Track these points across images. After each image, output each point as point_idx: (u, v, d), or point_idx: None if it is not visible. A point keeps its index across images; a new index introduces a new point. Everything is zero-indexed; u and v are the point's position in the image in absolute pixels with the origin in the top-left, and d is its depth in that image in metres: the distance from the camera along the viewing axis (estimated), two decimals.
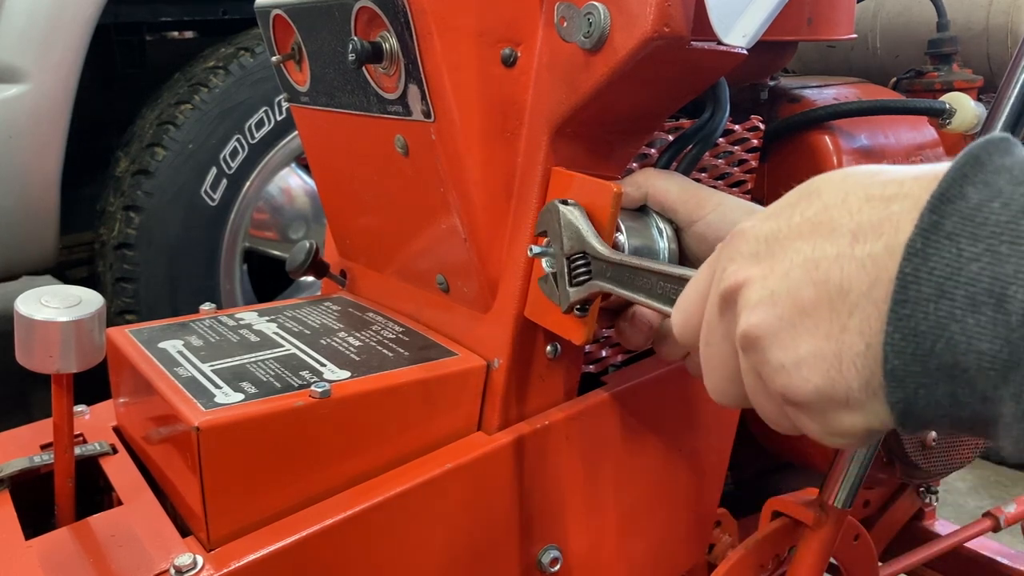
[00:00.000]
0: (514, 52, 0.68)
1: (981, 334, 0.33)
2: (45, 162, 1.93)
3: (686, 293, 0.50)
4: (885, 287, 0.35)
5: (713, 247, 0.65)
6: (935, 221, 0.34)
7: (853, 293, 0.37)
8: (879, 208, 0.37)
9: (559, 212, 0.65)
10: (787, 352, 0.39)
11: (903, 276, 0.35)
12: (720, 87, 0.76)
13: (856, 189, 0.39)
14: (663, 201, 0.68)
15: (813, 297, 0.38)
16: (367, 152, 0.79)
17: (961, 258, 0.33)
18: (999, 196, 0.34)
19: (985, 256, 0.33)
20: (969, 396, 0.34)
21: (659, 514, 0.84)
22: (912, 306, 0.34)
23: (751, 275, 0.42)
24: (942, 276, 0.34)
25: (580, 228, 0.64)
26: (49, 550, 0.62)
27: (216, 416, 0.60)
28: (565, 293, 0.65)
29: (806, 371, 0.39)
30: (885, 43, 1.41)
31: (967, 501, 2.31)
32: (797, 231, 0.40)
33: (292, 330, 0.79)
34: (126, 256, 2.03)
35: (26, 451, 0.74)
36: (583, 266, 0.64)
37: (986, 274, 0.32)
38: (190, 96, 2.07)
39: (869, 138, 1.01)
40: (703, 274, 0.49)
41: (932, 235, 0.34)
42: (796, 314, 0.39)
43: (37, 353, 0.59)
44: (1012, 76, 0.74)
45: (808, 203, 0.41)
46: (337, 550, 0.64)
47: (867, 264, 0.36)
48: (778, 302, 0.40)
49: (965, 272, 0.33)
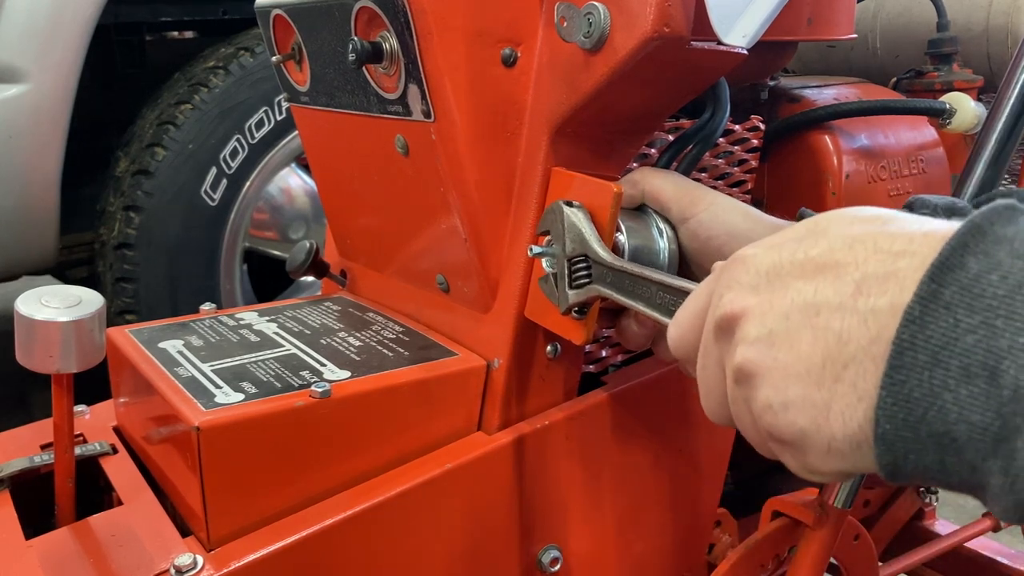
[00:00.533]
0: (514, 52, 0.68)
1: (973, 405, 0.33)
2: (45, 162, 1.93)
3: (683, 310, 0.50)
4: (884, 346, 0.36)
5: (704, 246, 0.66)
6: (934, 290, 0.35)
7: (851, 346, 0.37)
8: (886, 262, 0.37)
9: (563, 213, 0.65)
10: (777, 393, 0.40)
11: (900, 341, 0.35)
12: (720, 87, 0.76)
13: (865, 238, 0.39)
14: (658, 198, 0.68)
15: (810, 343, 0.38)
16: (367, 152, 0.79)
17: (957, 329, 0.34)
18: (998, 268, 0.34)
19: (981, 328, 0.33)
20: (958, 465, 0.34)
21: (659, 514, 0.84)
22: (907, 372, 0.35)
23: (749, 306, 0.42)
24: (938, 345, 0.34)
25: (583, 231, 0.64)
26: (49, 550, 0.62)
27: (216, 416, 0.60)
28: (564, 295, 0.65)
29: (793, 414, 0.39)
30: (885, 43, 1.41)
31: (967, 501, 2.31)
32: (800, 269, 0.40)
33: (292, 330, 0.79)
34: (126, 256, 2.02)
35: (26, 451, 0.74)
36: (584, 269, 0.64)
37: (981, 347, 0.33)
38: (190, 96, 2.07)
39: (869, 138, 1.01)
40: (702, 293, 0.49)
41: (931, 303, 0.34)
42: (791, 358, 0.39)
43: (37, 353, 0.59)
44: (1012, 76, 0.74)
45: (814, 241, 0.41)
46: (337, 550, 0.64)
47: (869, 320, 0.37)
48: (775, 343, 0.40)
49: (961, 343, 0.33)
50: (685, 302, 0.51)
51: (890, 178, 1.02)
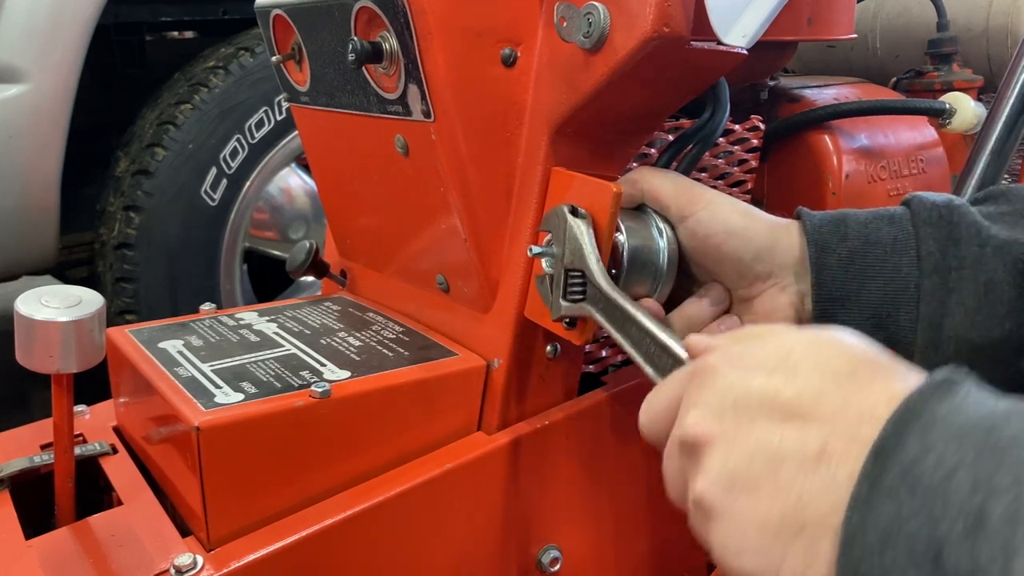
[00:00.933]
0: (514, 52, 0.68)
1: None
2: (45, 162, 1.93)
3: (654, 400, 0.50)
4: (840, 518, 0.36)
5: (702, 244, 0.66)
6: (877, 474, 0.35)
7: (810, 510, 0.38)
8: (851, 426, 0.38)
9: (566, 221, 0.64)
10: (732, 539, 0.40)
11: (850, 523, 0.35)
12: (720, 87, 0.76)
13: (835, 392, 0.39)
14: (657, 197, 0.68)
15: (770, 498, 0.39)
16: (367, 152, 0.79)
17: (901, 513, 0.34)
18: (932, 451, 0.34)
19: (922, 513, 0.34)
20: None
21: (659, 514, 0.84)
22: (858, 554, 0.35)
23: (714, 434, 0.42)
24: (886, 528, 0.34)
25: (584, 247, 0.63)
26: (49, 550, 0.62)
27: (216, 416, 0.60)
28: (557, 303, 0.65)
29: (746, 560, 0.40)
30: (885, 43, 1.41)
31: None
32: (768, 410, 0.41)
33: (292, 330, 0.79)
34: (126, 256, 2.02)
35: (26, 451, 0.74)
36: (579, 284, 0.64)
37: (923, 533, 0.33)
38: (190, 96, 2.07)
39: (869, 138, 1.01)
40: (673, 389, 0.49)
41: (875, 485, 0.35)
42: (750, 508, 0.40)
43: (37, 353, 0.59)
44: (1012, 76, 0.74)
45: (784, 380, 0.41)
46: (337, 550, 0.64)
47: (829, 488, 0.37)
48: (735, 486, 0.40)
49: (905, 528, 0.34)
50: (657, 390, 0.51)
51: (890, 178, 1.02)
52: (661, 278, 0.67)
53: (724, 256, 0.65)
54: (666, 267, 0.67)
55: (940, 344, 0.58)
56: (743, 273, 0.65)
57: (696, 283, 0.69)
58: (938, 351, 0.58)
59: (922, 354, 0.59)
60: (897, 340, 0.60)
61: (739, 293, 0.66)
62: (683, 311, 0.67)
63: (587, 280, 0.63)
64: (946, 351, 0.58)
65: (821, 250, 0.62)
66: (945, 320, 0.58)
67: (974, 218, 0.59)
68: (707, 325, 0.66)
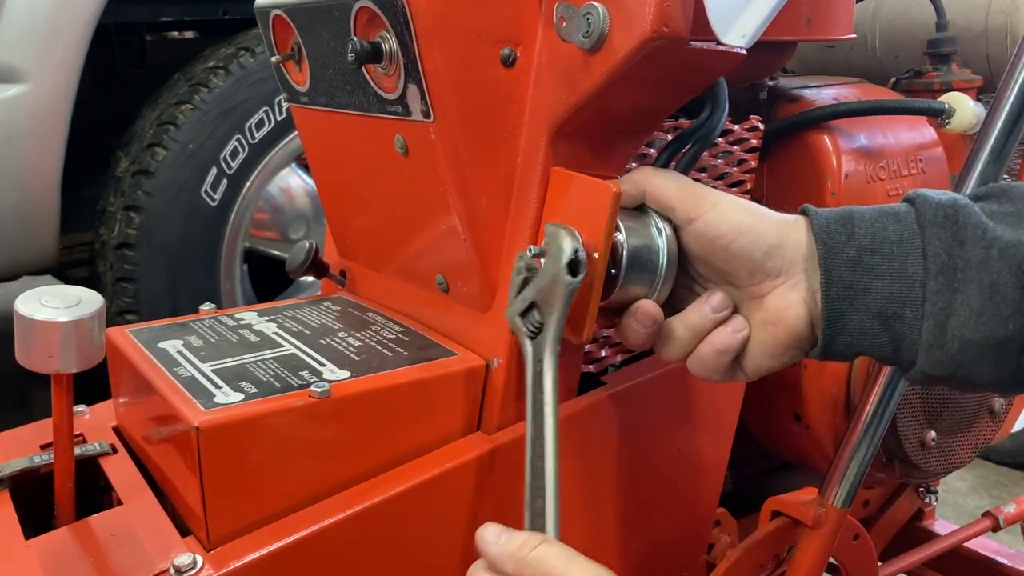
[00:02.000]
0: (513, 52, 0.68)
1: None
2: (45, 162, 1.94)
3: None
4: None
5: (711, 245, 0.66)
6: None
7: None
8: None
9: (562, 274, 0.63)
10: None
11: None
12: (719, 86, 0.76)
13: None
14: (661, 199, 0.68)
15: None
16: (367, 152, 0.79)
17: None
18: None
19: None
20: None
21: (658, 514, 0.85)
22: None
23: None
24: None
25: (555, 305, 0.64)
26: (49, 550, 0.62)
27: (216, 416, 0.60)
28: (514, 314, 0.67)
29: None
30: (885, 43, 1.41)
31: (967, 501, 2.31)
32: None
33: (292, 330, 0.79)
34: (126, 256, 2.03)
35: (26, 451, 0.74)
36: (536, 329, 0.65)
37: None
38: (190, 96, 2.07)
39: (868, 138, 1.01)
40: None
41: None
42: None
43: (37, 353, 0.59)
44: (1011, 76, 0.74)
45: None
46: (337, 550, 0.64)
47: None
48: None
49: None
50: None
51: (889, 178, 1.02)
52: (660, 278, 0.67)
53: (734, 255, 0.64)
54: (666, 267, 0.67)
55: (945, 343, 0.59)
56: (754, 271, 0.65)
57: (698, 283, 0.69)
58: (943, 349, 0.59)
59: (927, 352, 0.59)
60: (903, 337, 0.60)
61: (750, 291, 0.66)
62: (686, 319, 0.66)
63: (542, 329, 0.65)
64: (951, 349, 0.58)
65: (829, 250, 0.62)
66: (950, 320, 0.58)
67: (979, 218, 0.59)
68: (710, 332, 0.66)
